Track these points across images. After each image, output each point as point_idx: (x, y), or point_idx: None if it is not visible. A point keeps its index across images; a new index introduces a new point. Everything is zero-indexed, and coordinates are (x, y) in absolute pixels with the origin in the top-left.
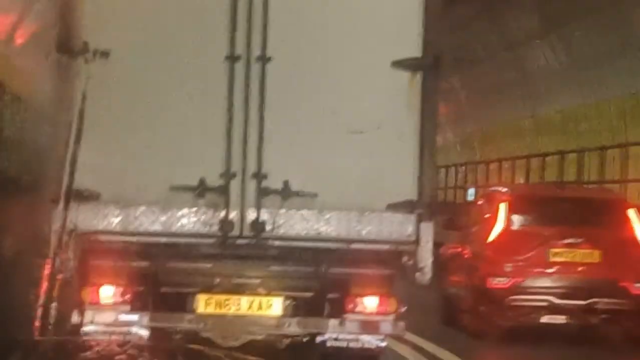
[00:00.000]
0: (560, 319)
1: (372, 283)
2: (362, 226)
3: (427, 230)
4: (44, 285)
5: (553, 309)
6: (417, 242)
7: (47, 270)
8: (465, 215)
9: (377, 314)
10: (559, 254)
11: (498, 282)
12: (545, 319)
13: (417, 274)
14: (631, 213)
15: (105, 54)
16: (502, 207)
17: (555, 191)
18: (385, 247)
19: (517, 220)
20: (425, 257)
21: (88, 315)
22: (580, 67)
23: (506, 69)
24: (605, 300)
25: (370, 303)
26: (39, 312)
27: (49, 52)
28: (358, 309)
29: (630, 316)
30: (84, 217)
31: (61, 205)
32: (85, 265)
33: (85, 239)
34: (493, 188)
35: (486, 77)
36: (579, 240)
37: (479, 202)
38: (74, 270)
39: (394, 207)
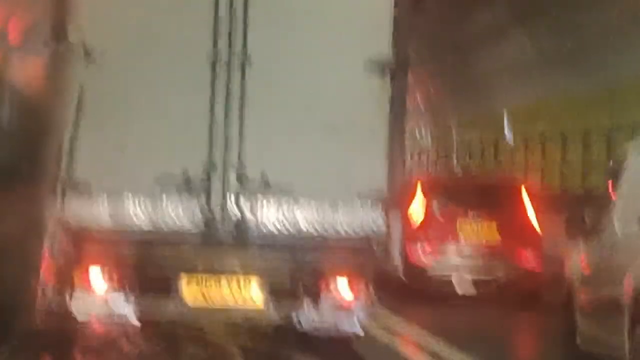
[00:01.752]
0: (467, 285)
1: (345, 269)
2: (335, 215)
3: (396, 220)
4: (43, 271)
5: (461, 277)
6: (386, 231)
7: (45, 257)
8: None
9: (349, 297)
10: (465, 231)
11: (419, 257)
12: (458, 288)
13: (386, 260)
14: (524, 194)
15: (96, 53)
16: (419, 193)
17: (463, 178)
18: (357, 235)
19: (432, 204)
20: (394, 245)
21: (79, 297)
22: None
23: None
24: (502, 268)
25: (342, 287)
26: (39, 297)
27: (46, 41)
28: (331, 292)
29: (520, 281)
30: (76, 207)
31: (58, 195)
32: (77, 252)
33: (77, 227)
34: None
35: None
36: (482, 218)
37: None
38: (67, 255)
39: (364, 198)
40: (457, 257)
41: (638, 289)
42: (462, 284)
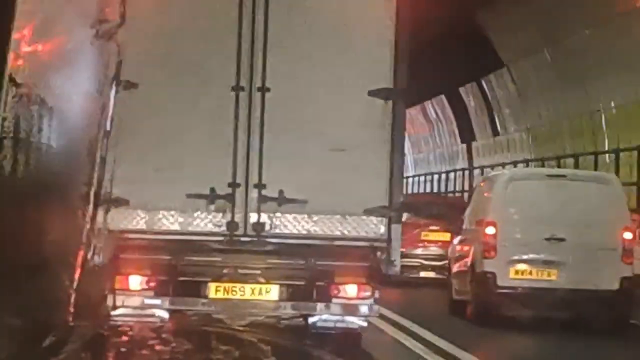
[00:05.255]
0: (431, 274)
1: (352, 273)
2: (343, 227)
3: (397, 230)
4: (78, 272)
5: (424, 268)
6: (388, 240)
7: (80, 259)
8: None
9: (357, 298)
10: (427, 235)
11: None
12: (422, 274)
13: (389, 266)
14: None
15: (134, 85)
16: None
17: (428, 197)
18: (363, 244)
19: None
20: (396, 252)
21: (119, 299)
22: None
23: None
24: None
25: (351, 290)
26: (73, 297)
27: (92, 23)
28: (341, 294)
29: None
30: (116, 219)
31: (99, 209)
32: (116, 258)
33: (116, 236)
34: None
35: None
36: (439, 227)
37: None
38: (107, 262)
39: (369, 211)
40: (420, 251)
41: (473, 263)
42: (425, 271)
